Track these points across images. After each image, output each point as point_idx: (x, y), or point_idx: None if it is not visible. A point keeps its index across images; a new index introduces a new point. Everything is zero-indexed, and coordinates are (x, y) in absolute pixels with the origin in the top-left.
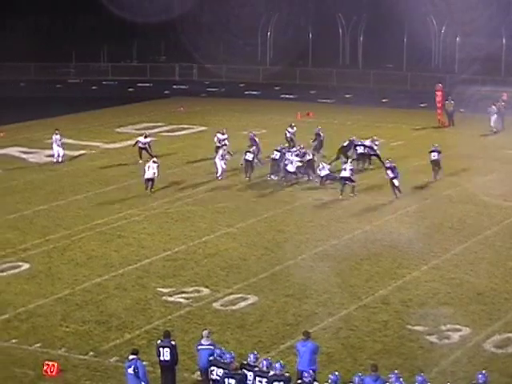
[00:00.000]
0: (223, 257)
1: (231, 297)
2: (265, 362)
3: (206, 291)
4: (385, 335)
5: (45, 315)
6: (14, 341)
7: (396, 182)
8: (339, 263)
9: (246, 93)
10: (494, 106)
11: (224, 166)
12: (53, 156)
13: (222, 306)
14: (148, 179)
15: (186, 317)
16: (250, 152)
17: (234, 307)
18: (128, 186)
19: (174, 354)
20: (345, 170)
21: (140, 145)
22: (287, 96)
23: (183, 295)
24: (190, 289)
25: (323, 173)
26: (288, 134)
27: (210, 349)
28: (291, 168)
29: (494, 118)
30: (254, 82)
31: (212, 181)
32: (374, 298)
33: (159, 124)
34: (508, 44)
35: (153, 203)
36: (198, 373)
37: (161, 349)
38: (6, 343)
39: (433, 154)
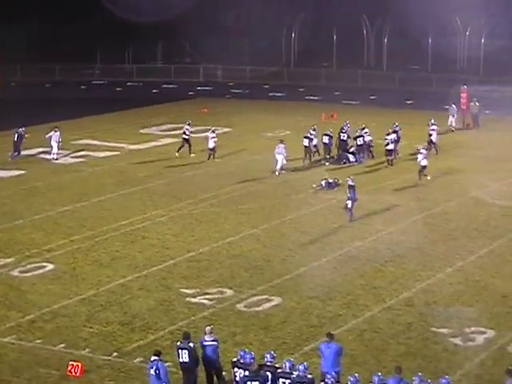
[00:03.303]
0: (247, 258)
1: (255, 298)
2: (288, 364)
3: (229, 292)
4: (409, 337)
5: (69, 316)
6: (38, 341)
7: (350, 203)
8: (363, 265)
9: (271, 94)
10: (453, 105)
11: (284, 162)
12: (52, 153)
13: (245, 307)
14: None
15: (209, 318)
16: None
17: (257, 308)
18: (153, 187)
19: (192, 355)
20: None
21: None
22: (312, 97)
23: (207, 296)
24: (214, 290)
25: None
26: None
27: (213, 344)
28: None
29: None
30: (279, 83)
31: (237, 182)
32: (398, 300)
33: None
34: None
35: (177, 204)
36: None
37: (180, 351)
38: (30, 343)
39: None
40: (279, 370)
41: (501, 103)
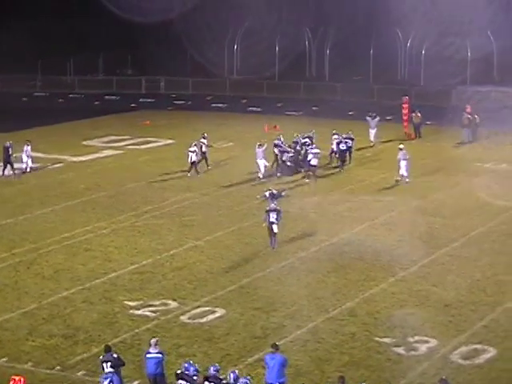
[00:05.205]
0: (191, 270)
1: (199, 310)
2: (232, 375)
3: (173, 304)
4: (352, 347)
5: (11, 329)
6: None
7: (276, 228)
8: (306, 276)
9: (213, 105)
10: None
11: (267, 164)
12: (21, 168)
13: (189, 319)
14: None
15: (153, 330)
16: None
17: (201, 320)
18: (95, 199)
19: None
20: None
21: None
22: (254, 109)
23: (151, 308)
24: (158, 302)
25: None
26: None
27: (157, 357)
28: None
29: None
30: (221, 94)
31: (179, 193)
32: (341, 311)
33: (126, 137)
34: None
35: (120, 216)
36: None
37: (103, 364)
38: None
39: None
40: (223, 382)
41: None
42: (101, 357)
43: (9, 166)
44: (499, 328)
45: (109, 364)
